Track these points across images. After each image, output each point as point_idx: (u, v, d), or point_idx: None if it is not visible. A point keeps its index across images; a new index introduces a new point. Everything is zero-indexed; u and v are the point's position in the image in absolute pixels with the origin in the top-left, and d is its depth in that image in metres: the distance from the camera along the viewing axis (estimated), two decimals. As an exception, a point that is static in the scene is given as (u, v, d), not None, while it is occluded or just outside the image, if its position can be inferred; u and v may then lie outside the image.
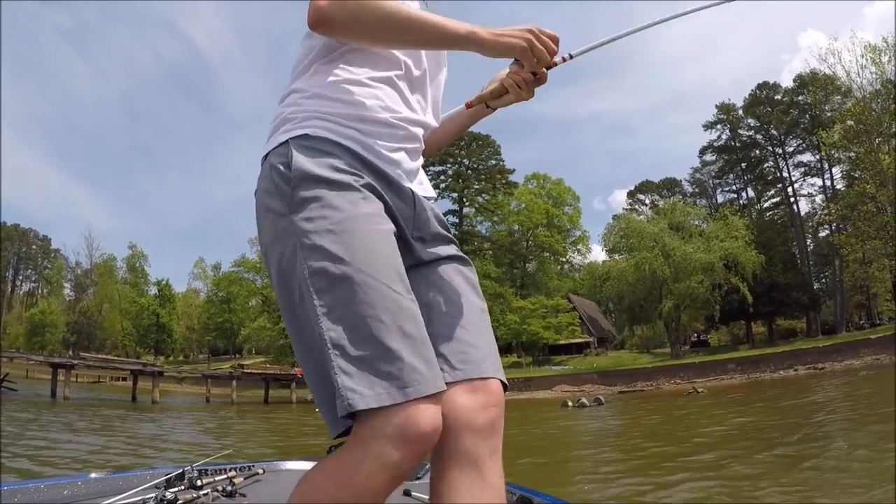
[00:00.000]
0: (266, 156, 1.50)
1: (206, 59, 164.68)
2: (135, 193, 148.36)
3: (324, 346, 1.26)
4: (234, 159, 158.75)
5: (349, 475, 1.22)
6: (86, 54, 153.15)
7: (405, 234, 1.51)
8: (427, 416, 1.24)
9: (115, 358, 64.40)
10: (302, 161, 1.39)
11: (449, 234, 1.65)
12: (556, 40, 1.52)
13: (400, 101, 1.59)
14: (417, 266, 1.55)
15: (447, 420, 1.32)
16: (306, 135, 1.44)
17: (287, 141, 1.45)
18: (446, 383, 1.33)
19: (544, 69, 1.57)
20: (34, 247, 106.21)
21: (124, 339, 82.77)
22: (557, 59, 1.59)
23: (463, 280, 1.58)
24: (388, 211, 1.44)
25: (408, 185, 1.55)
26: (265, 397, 46.49)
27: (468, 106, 1.80)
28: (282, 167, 1.41)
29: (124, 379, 53.34)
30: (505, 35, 1.46)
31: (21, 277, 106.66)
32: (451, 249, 1.62)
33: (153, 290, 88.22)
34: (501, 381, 1.47)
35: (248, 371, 52.03)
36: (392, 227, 1.43)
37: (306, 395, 48.36)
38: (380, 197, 1.43)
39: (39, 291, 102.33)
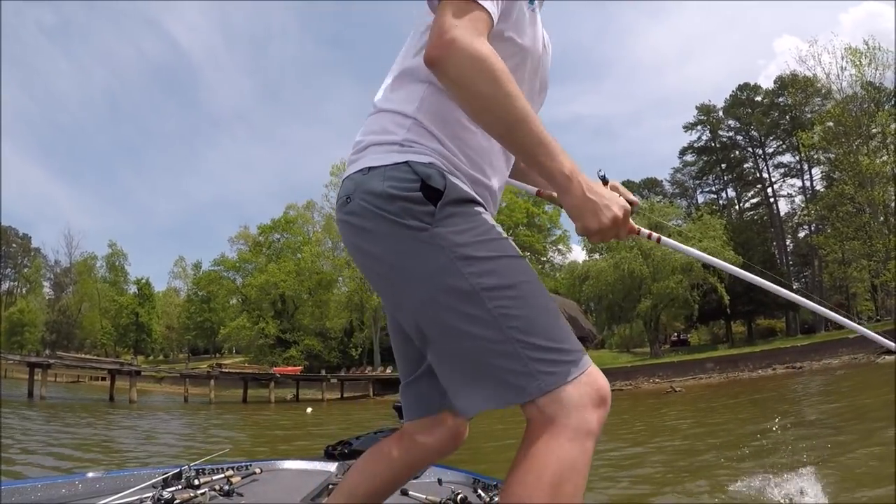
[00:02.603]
0: (371, 168, 1.53)
1: (188, 57, 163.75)
2: (115, 191, 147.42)
3: (502, 341, 1.35)
4: (216, 158, 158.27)
5: (561, 455, 1.29)
6: (68, 51, 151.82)
7: None
8: (603, 378, 1.40)
9: (93, 357, 64.03)
10: (452, 181, 1.48)
11: None
12: (631, 230, 1.61)
13: (503, 166, 1.77)
14: None
15: None
16: (432, 163, 1.51)
17: (407, 162, 1.49)
18: None
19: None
20: (13, 245, 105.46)
21: (104, 338, 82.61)
22: (644, 234, 1.75)
23: None
24: None
25: None
26: (244, 397, 46.30)
27: (539, 194, 1.92)
28: (410, 182, 1.46)
29: (103, 379, 52.95)
30: (594, 205, 1.43)
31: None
32: None
33: (133, 289, 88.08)
34: None
35: (227, 371, 51.81)
36: None
37: (285, 395, 48.37)
38: None
39: (18, 290, 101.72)
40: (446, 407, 1.77)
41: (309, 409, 34.42)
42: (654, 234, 1.78)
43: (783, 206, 76.38)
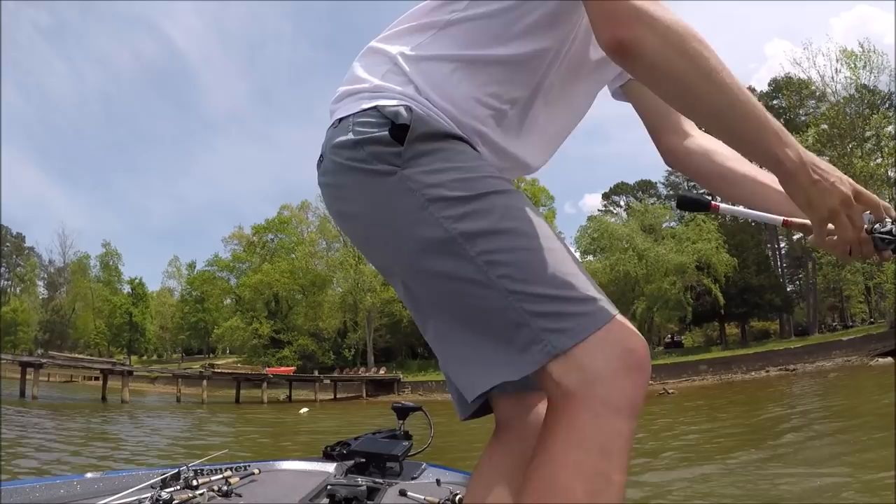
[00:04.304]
0: (342, 119, 1.28)
1: (184, 59, 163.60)
2: (110, 192, 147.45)
3: (493, 297, 1.07)
4: (210, 160, 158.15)
5: (584, 437, 1.00)
6: (64, 53, 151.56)
7: None
8: (635, 333, 1.08)
9: (85, 357, 63.89)
10: (420, 114, 1.20)
11: None
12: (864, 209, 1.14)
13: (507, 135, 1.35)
14: None
15: None
16: (403, 104, 1.22)
17: (376, 107, 1.23)
18: None
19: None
20: (7, 244, 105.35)
21: (97, 337, 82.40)
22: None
23: None
24: None
25: None
26: (236, 397, 46.32)
27: (785, 224, 1.33)
28: (379, 127, 1.19)
29: (96, 378, 52.90)
30: (821, 186, 1.08)
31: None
32: None
33: (127, 289, 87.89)
34: None
35: (219, 371, 51.75)
36: None
37: (278, 396, 48.34)
38: None
39: (12, 290, 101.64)
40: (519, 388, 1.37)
41: (304, 410, 34.42)
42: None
43: (777, 208, 76.64)
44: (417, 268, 1.17)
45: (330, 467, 3.05)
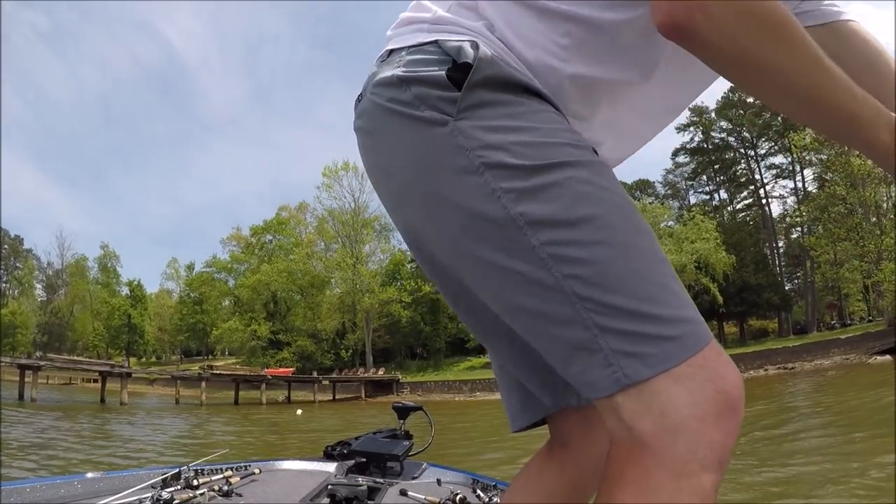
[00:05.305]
0: (392, 51, 1.07)
1: (182, 61, 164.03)
2: (108, 194, 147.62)
3: (556, 300, 0.86)
4: (209, 161, 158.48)
5: (668, 492, 0.78)
6: (62, 55, 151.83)
7: None
8: (730, 364, 0.85)
9: (84, 359, 63.73)
10: (489, 54, 0.96)
11: None
12: None
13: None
14: None
15: None
16: (471, 41, 0.98)
17: (436, 41, 1.00)
18: None
19: None
20: (5, 247, 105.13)
21: (95, 339, 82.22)
22: None
23: None
24: None
25: None
26: (235, 398, 46.19)
27: None
28: (435, 64, 0.97)
29: (95, 380, 52.77)
30: None
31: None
32: None
33: (125, 291, 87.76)
34: None
35: (218, 372, 51.58)
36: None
37: (276, 397, 48.18)
38: None
39: (10, 292, 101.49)
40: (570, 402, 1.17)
41: (299, 412, 34.37)
42: None
43: (775, 208, 76.72)
44: (459, 247, 0.95)
45: (330, 467, 3.05)
